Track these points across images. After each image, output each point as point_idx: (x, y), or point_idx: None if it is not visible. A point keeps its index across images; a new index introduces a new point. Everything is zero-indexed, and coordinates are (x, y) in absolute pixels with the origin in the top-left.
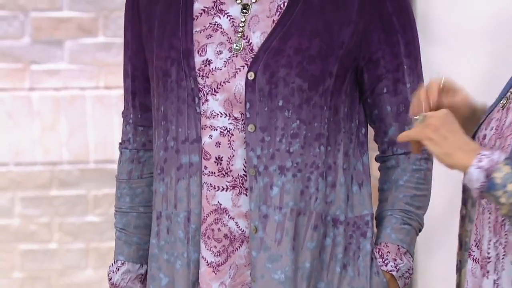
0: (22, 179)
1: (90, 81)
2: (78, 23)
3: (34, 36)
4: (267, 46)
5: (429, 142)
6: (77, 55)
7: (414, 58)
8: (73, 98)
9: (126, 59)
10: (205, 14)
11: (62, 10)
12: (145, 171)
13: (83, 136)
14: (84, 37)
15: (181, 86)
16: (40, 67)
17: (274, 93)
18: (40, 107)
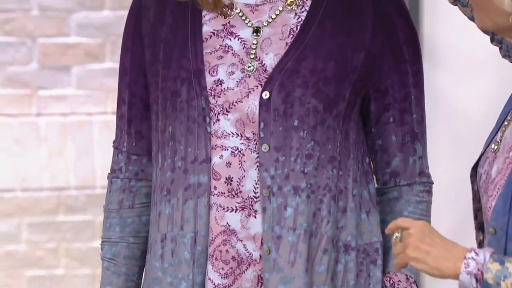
0: (29, 204)
1: (97, 107)
2: (85, 48)
3: (41, 62)
4: (281, 67)
5: (414, 262)
6: (84, 81)
7: (420, 89)
8: (81, 123)
9: (122, 86)
10: (215, 37)
11: (69, 36)
12: (136, 201)
13: (90, 162)
14: (91, 63)
15: (192, 106)
16: (47, 93)
17: (290, 112)
18: (48, 132)
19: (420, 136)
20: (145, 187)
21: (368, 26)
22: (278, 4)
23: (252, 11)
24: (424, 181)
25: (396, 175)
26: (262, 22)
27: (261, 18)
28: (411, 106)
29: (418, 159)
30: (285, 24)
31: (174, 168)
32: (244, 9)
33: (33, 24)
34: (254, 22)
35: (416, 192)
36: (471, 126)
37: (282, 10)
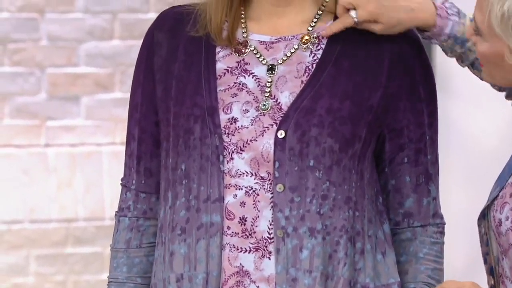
0: (37, 236)
1: (107, 137)
2: (94, 78)
3: (50, 92)
4: (297, 106)
5: None
6: (93, 111)
7: (435, 129)
8: (89, 154)
9: (132, 123)
10: (228, 74)
11: (78, 66)
12: (144, 240)
13: (99, 193)
14: (101, 93)
15: (205, 144)
16: (56, 123)
17: (305, 152)
18: (56, 163)
19: (434, 177)
20: (153, 226)
21: (384, 66)
22: (294, 42)
23: (267, 49)
24: (437, 222)
25: (410, 216)
26: (277, 59)
27: (276, 55)
28: (426, 146)
29: (432, 200)
30: (301, 62)
31: (189, 207)
32: (259, 46)
33: (42, 54)
34: (269, 60)
35: (430, 234)
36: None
37: (298, 48)
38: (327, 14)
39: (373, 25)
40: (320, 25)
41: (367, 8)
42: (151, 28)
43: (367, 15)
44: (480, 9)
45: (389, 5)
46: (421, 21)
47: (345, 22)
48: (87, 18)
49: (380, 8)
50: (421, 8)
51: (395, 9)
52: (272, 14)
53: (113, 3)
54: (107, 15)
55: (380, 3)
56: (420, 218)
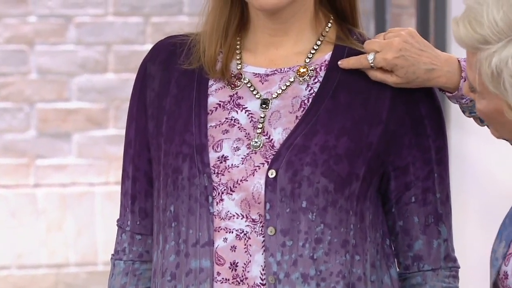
0: (25, 283)
1: (100, 177)
2: (87, 114)
3: (40, 129)
4: (290, 143)
5: None
6: (85, 149)
7: (444, 166)
8: (81, 195)
9: (127, 160)
10: (220, 109)
11: (70, 101)
12: (140, 285)
13: (91, 236)
14: (93, 129)
15: (194, 184)
16: (46, 162)
17: (297, 193)
18: (46, 205)
19: (445, 217)
20: (150, 270)
21: (386, 98)
22: (290, 74)
23: (262, 81)
24: (450, 266)
25: (420, 259)
26: (271, 93)
27: (271, 89)
28: (434, 184)
29: (443, 242)
30: (296, 96)
31: (178, 251)
32: (253, 79)
33: (31, 88)
34: (263, 94)
35: (442, 278)
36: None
37: (293, 81)
38: (327, 44)
39: (388, 76)
40: (319, 57)
41: (386, 55)
42: (144, 60)
43: (384, 63)
44: (470, 67)
45: (410, 58)
46: (441, 84)
47: (361, 63)
48: (79, 50)
49: (400, 59)
50: (445, 70)
51: (416, 64)
52: (268, 44)
53: (107, 34)
54: (101, 46)
55: (401, 54)
56: (430, 261)
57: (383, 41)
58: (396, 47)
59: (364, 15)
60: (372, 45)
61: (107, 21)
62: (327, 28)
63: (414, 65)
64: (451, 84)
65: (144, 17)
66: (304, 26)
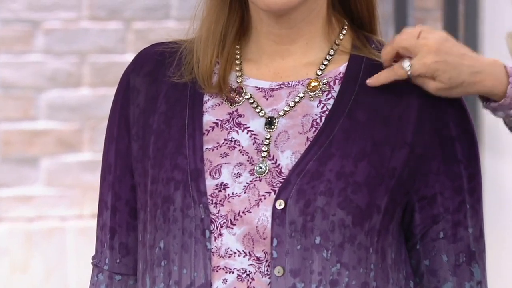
0: None
1: (72, 209)
2: (57, 136)
3: (2, 153)
4: (301, 169)
5: None
6: (55, 176)
7: (478, 197)
8: (50, 231)
9: (105, 187)
10: (218, 128)
11: (37, 120)
12: None
13: (62, 279)
14: (65, 154)
15: (188, 216)
16: (9, 192)
17: (310, 227)
18: (9, 243)
19: (478, 255)
20: None
21: (411, 117)
22: (299, 89)
23: (266, 97)
24: None
25: None
26: (277, 111)
27: (277, 106)
28: (466, 218)
29: (476, 284)
30: (307, 114)
31: None
32: (256, 94)
33: None
34: (268, 111)
35: None
36: None
37: (304, 96)
38: (341, 54)
39: (428, 82)
40: (332, 68)
41: (425, 59)
42: (127, 71)
43: (424, 69)
44: None
45: (453, 61)
46: (487, 88)
47: (396, 74)
48: (48, 61)
49: (442, 63)
50: (489, 72)
51: (459, 68)
52: (273, 54)
53: (81, 41)
54: (74, 56)
55: (442, 57)
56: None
57: (416, 42)
58: (435, 49)
59: (382, 19)
60: (403, 43)
61: (81, 27)
62: (341, 35)
63: (457, 68)
64: (498, 90)
65: (124, 22)
66: (315, 33)
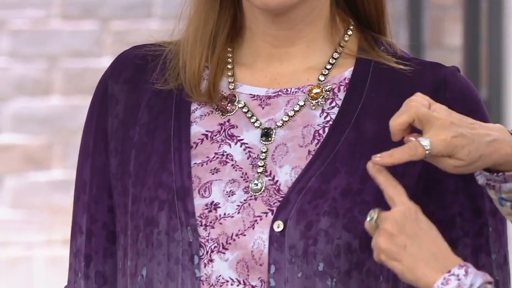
0: None
1: (41, 234)
2: (23, 151)
3: None
4: (301, 186)
5: (384, 256)
6: (21, 197)
7: (501, 219)
8: (16, 259)
9: (79, 209)
10: (208, 141)
11: (1, 133)
12: None
13: None
14: (33, 172)
15: (174, 240)
16: None
17: (312, 252)
18: None
19: (502, 284)
20: None
21: None
22: (299, 97)
23: (261, 106)
24: None
25: None
26: (275, 121)
27: (274, 115)
28: (488, 242)
29: None
30: (308, 124)
31: None
32: (250, 102)
33: None
34: (264, 122)
35: None
36: None
37: (304, 104)
38: (346, 57)
39: (444, 161)
40: (336, 73)
41: (443, 136)
42: (104, 78)
43: (444, 146)
44: None
45: (467, 134)
46: (505, 157)
47: (414, 154)
48: (14, 66)
49: (459, 137)
50: (502, 138)
51: (476, 140)
52: (270, 57)
53: (52, 43)
54: (43, 61)
55: (457, 131)
56: None
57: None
58: (448, 123)
59: (393, 18)
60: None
61: (52, 27)
62: (346, 36)
63: (474, 141)
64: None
65: (100, 22)
66: (317, 34)
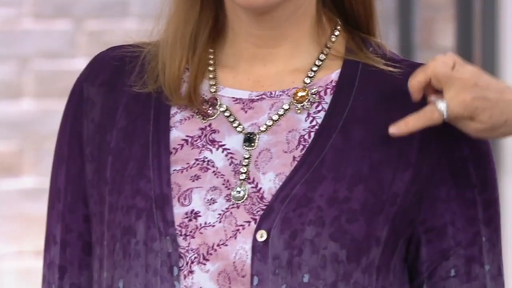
0: None
1: (11, 246)
2: None
3: None
4: (286, 194)
5: None
6: None
7: (495, 228)
8: None
9: (53, 218)
10: (188, 146)
11: None
12: None
13: None
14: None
15: (152, 250)
16: None
17: (297, 263)
18: None
19: None
20: None
21: (416, 134)
22: (283, 100)
23: (244, 109)
24: None
25: None
26: (258, 125)
27: (257, 119)
28: (481, 253)
29: None
30: (293, 129)
31: None
32: (233, 106)
33: None
34: (247, 126)
35: None
36: None
37: (289, 108)
38: (333, 58)
39: (466, 123)
40: (323, 76)
41: (463, 97)
42: (79, 80)
43: (462, 108)
44: None
45: (493, 97)
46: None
47: (430, 119)
48: None
49: (481, 99)
50: None
51: (502, 104)
52: (253, 59)
53: (22, 44)
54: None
55: (481, 92)
56: None
57: (451, 74)
58: (472, 83)
59: (382, 18)
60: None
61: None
62: (333, 37)
63: (498, 105)
64: None
65: (74, 21)
66: (302, 34)
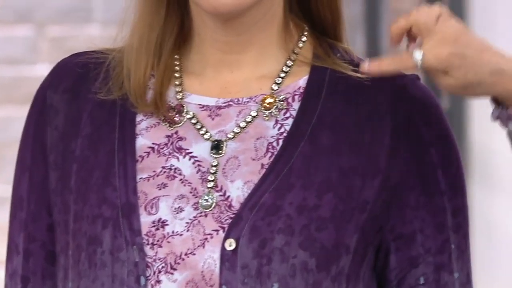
0: None
1: None
2: None
3: None
4: (254, 202)
5: None
6: None
7: (464, 235)
8: None
9: (15, 227)
10: (154, 154)
11: None
12: None
13: None
14: None
15: (118, 260)
16: None
17: (266, 272)
18: None
19: None
20: None
21: (385, 140)
22: (251, 107)
23: (211, 116)
24: None
25: None
26: (225, 133)
27: (225, 127)
28: (450, 260)
29: None
30: (261, 136)
31: None
32: (200, 113)
33: None
34: (214, 133)
35: None
36: None
37: (257, 115)
38: (301, 65)
39: (439, 76)
40: (290, 82)
41: (440, 50)
42: (42, 87)
43: (437, 62)
44: None
45: (472, 56)
46: (507, 93)
47: (404, 65)
48: None
49: (459, 56)
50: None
51: (478, 64)
52: (220, 65)
53: None
54: None
55: (460, 49)
56: None
57: (433, 25)
58: (453, 38)
59: (349, 24)
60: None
61: None
62: (300, 43)
63: (475, 64)
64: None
65: (36, 27)
66: (269, 40)
